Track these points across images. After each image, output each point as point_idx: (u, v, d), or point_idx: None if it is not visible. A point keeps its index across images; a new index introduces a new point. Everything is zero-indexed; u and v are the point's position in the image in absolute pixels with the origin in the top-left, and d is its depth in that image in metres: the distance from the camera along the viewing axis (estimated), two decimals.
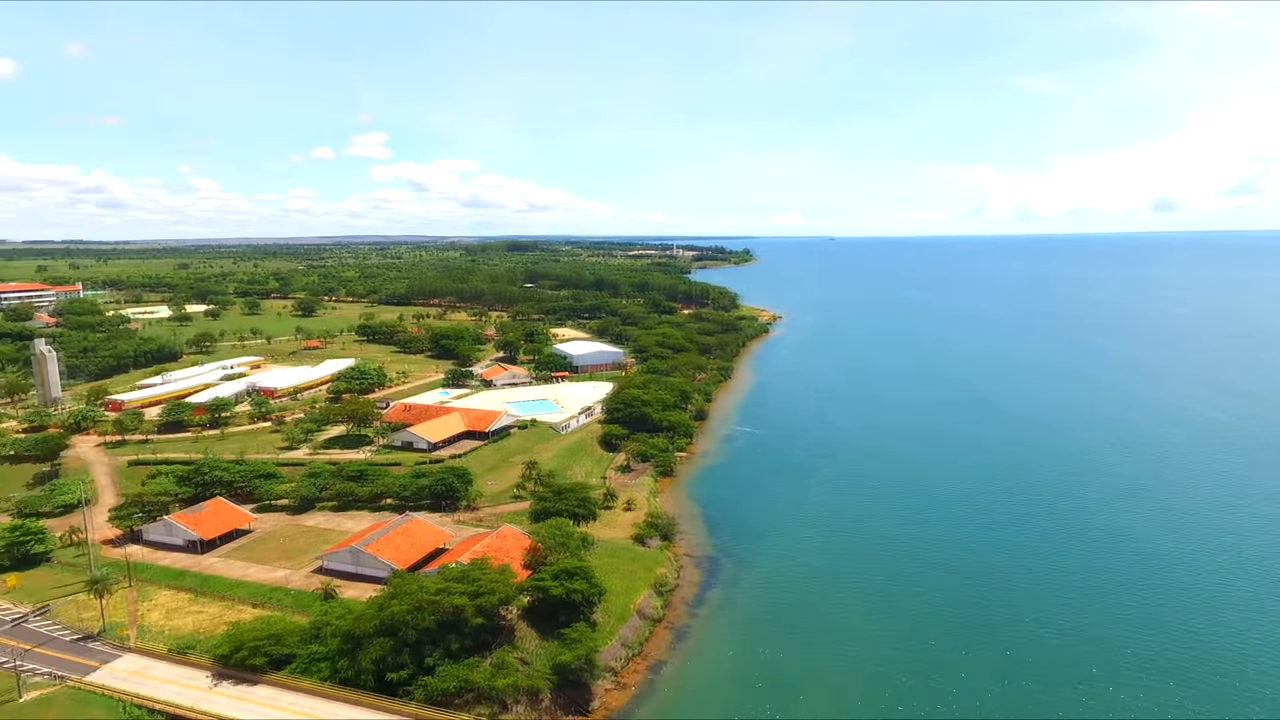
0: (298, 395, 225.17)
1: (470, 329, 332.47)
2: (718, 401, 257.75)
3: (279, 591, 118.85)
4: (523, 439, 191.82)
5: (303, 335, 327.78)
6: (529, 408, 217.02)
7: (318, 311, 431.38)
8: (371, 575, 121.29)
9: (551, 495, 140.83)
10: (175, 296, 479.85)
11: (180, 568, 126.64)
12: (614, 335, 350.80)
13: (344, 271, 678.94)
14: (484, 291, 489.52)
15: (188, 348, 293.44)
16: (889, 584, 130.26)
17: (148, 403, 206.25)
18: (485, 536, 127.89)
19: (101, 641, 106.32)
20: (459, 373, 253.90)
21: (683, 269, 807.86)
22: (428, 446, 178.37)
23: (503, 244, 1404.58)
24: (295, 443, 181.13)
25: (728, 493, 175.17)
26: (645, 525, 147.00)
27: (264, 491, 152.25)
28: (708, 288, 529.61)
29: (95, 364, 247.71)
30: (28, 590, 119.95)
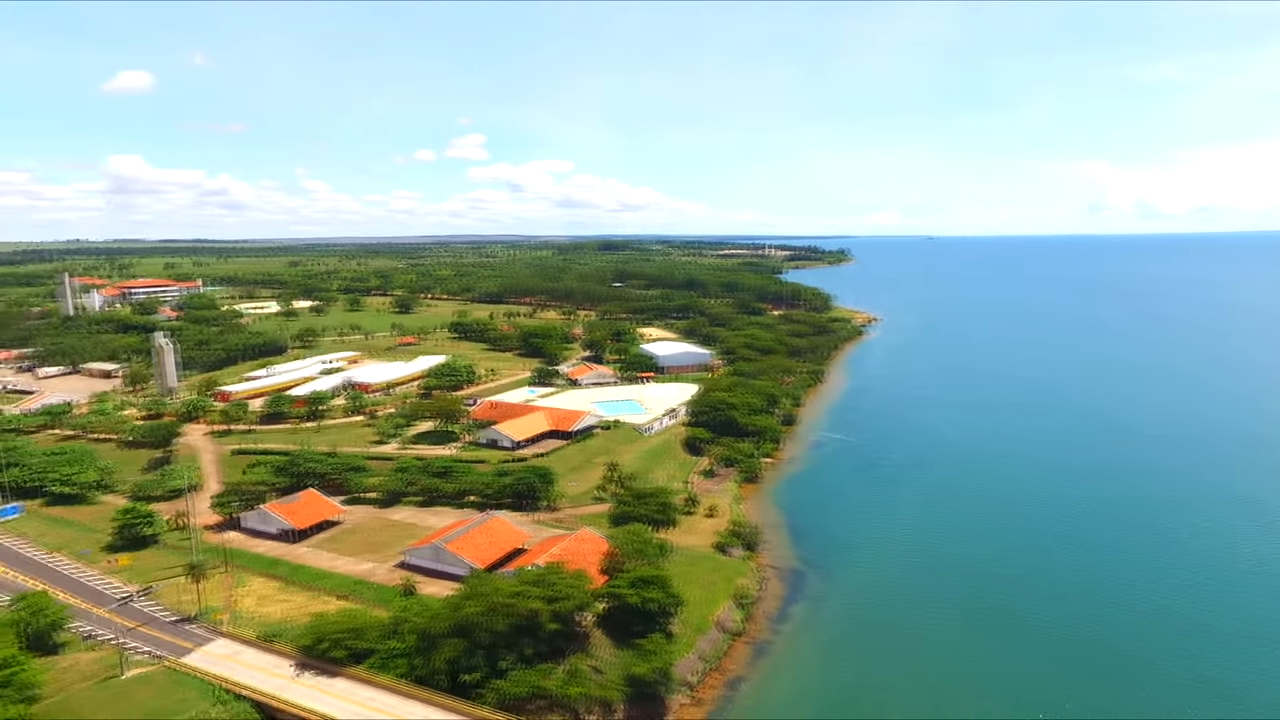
0: (391, 390, 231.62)
1: (558, 328, 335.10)
2: (807, 406, 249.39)
3: (362, 585, 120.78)
4: (606, 440, 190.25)
5: (399, 332, 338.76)
6: (613, 408, 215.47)
7: (414, 309, 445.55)
8: (451, 573, 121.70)
9: (632, 499, 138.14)
10: (284, 293, 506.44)
11: (273, 556, 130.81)
12: (701, 336, 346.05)
13: (441, 270, 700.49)
14: (574, 290, 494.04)
15: (292, 342, 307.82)
16: (988, 609, 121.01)
17: (253, 394, 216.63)
18: (564, 539, 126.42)
19: (198, 624, 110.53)
20: (546, 371, 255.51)
21: (774, 269, 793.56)
22: (512, 445, 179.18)
23: (594, 243, 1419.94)
24: (386, 437, 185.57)
25: (815, 502, 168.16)
26: (727, 533, 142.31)
27: (354, 484, 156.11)
28: (799, 288, 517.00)
29: (209, 356, 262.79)
30: (137, 570, 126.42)
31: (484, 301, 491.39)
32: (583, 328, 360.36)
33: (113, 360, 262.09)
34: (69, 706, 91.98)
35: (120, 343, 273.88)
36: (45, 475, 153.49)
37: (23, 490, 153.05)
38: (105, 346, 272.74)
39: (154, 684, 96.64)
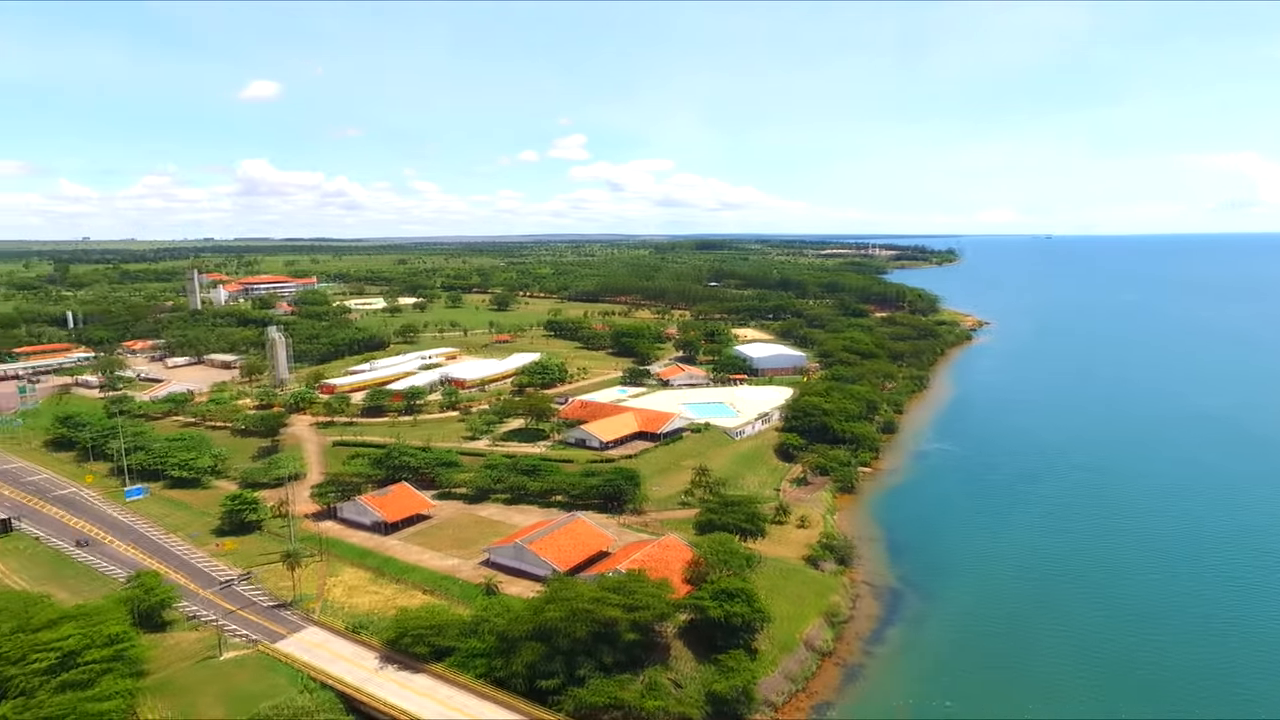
0: (485, 387, 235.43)
1: (651, 327, 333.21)
2: (909, 414, 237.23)
3: (448, 580, 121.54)
4: (695, 443, 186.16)
5: (495, 329, 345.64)
6: (704, 410, 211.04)
7: (512, 306, 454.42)
8: (533, 573, 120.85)
9: (719, 506, 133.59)
10: (390, 290, 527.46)
11: (365, 547, 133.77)
12: (798, 338, 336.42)
13: (539, 268, 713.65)
14: (668, 289, 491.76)
15: (394, 337, 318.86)
16: (1112, 648, 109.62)
17: (355, 388, 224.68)
18: (647, 544, 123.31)
19: (292, 611, 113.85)
20: (637, 371, 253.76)
21: (878, 269, 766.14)
22: (600, 445, 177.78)
23: (692, 242, 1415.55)
24: (477, 433, 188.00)
25: (916, 516, 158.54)
26: (819, 546, 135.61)
27: (445, 479, 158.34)
28: (904, 289, 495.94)
29: (317, 350, 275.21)
30: (241, 555, 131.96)
31: (579, 300, 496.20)
32: (676, 327, 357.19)
33: (233, 352, 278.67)
34: (171, 684, 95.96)
35: (240, 335, 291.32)
36: (166, 460, 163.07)
37: (147, 473, 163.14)
38: (226, 339, 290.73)
39: (249, 667, 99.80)
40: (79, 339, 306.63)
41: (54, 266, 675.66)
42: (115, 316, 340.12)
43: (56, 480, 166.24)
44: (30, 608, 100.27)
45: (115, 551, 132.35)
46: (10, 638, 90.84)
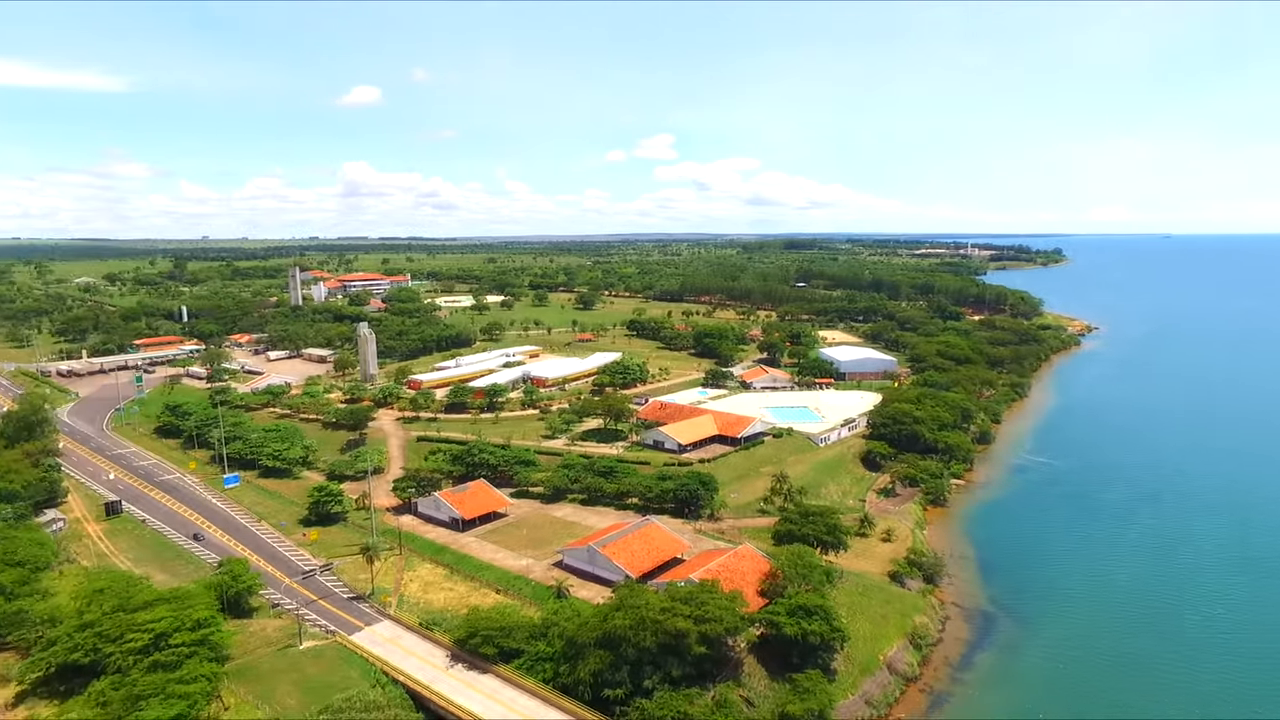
0: (565, 385, 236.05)
1: (734, 328, 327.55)
2: (1007, 423, 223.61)
3: (520, 581, 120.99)
4: (775, 448, 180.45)
5: (577, 328, 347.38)
6: (786, 414, 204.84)
7: (595, 305, 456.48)
8: (604, 577, 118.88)
9: (798, 516, 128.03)
10: (478, 288, 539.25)
11: (441, 543, 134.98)
12: (887, 341, 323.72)
13: (624, 267, 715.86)
14: (753, 290, 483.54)
15: (480, 335, 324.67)
16: (1236, 694, 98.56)
17: (439, 384, 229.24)
18: (722, 553, 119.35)
19: (368, 604, 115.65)
20: (718, 373, 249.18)
21: (975, 270, 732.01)
22: (677, 448, 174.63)
23: (780, 242, 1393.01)
24: (555, 432, 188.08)
25: (1013, 534, 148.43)
26: (905, 562, 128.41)
27: (521, 478, 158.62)
28: (1004, 291, 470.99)
29: (405, 346, 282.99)
30: (323, 545, 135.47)
31: (662, 299, 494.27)
32: (760, 328, 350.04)
33: (328, 347, 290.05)
34: (252, 670, 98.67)
35: (334, 331, 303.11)
36: (260, 450, 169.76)
37: (243, 462, 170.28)
38: (323, 334, 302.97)
39: (325, 658, 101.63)
40: (190, 332, 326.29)
41: (174, 264, 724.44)
42: (223, 311, 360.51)
43: (163, 465, 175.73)
44: (130, 588, 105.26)
45: (211, 537, 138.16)
46: (111, 616, 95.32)
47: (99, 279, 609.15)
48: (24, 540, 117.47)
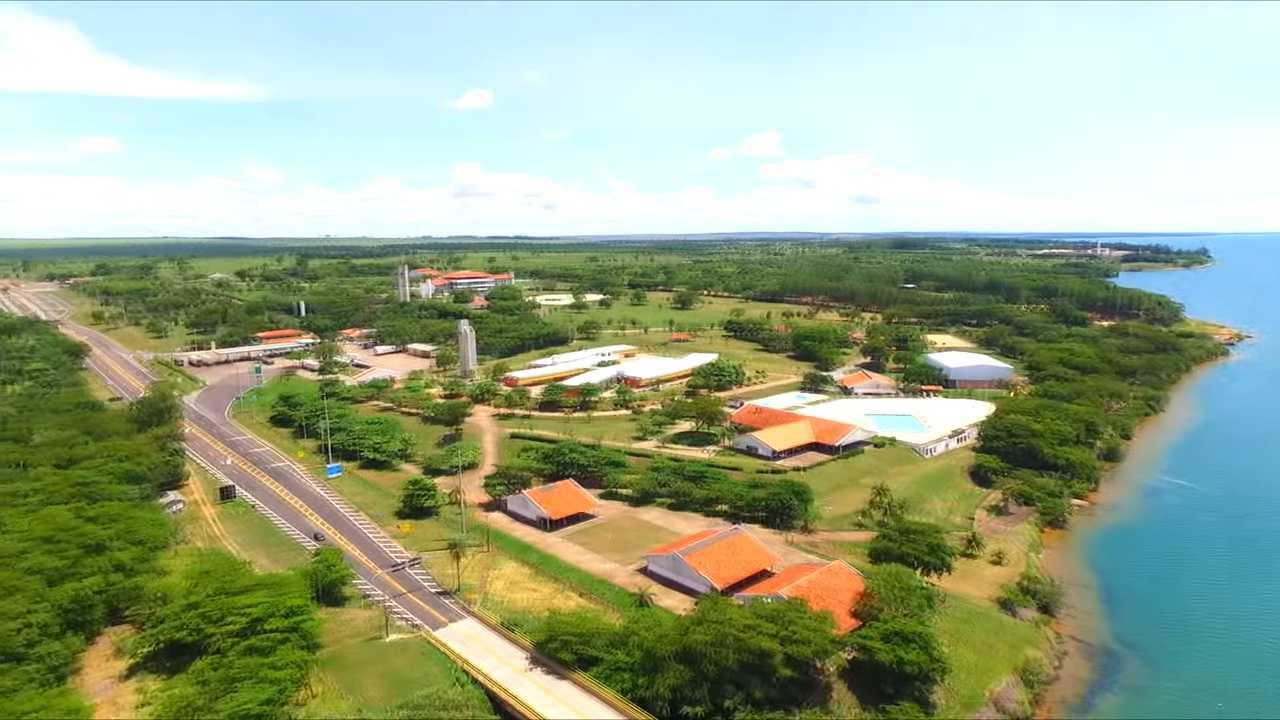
0: (658, 386, 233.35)
1: (836, 330, 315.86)
2: (1139, 440, 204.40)
3: (603, 585, 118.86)
4: (875, 458, 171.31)
5: (674, 327, 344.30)
6: (888, 423, 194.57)
7: (693, 305, 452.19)
8: (688, 586, 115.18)
9: (898, 534, 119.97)
10: (578, 286, 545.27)
11: (528, 542, 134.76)
12: (1003, 347, 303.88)
13: (723, 267, 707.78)
14: (858, 291, 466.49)
15: (576, 333, 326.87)
16: None
17: (534, 381, 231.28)
18: (814, 568, 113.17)
19: (453, 600, 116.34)
20: (817, 377, 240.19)
21: (1104, 271, 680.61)
22: (770, 454, 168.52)
23: (888, 241, 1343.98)
24: (646, 433, 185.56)
25: (1143, 564, 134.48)
26: (1017, 588, 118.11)
27: (610, 479, 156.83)
28: (1137, 295, 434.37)
29: (503, 343, 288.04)
30: (415, 538, 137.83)
31: (762, 300, 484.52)
32: (863, 331, 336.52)
33: (431, 342, 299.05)
34: (340, 659, 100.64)
35: (438, 327, 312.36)
36: (362, 442, 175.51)
37: (346, 453, 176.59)
38: (427, 330, 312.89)
39: (409, 652, 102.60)
40: (306, 326, 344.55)
41: (297, 261, 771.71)
42: (337, 307, 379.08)
43: (274, 453, 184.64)
44: (233, 572, 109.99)
45: (313, 525, 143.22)
46: (214, 599, 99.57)
47: (231, 275, 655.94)
48: (144, 520, 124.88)
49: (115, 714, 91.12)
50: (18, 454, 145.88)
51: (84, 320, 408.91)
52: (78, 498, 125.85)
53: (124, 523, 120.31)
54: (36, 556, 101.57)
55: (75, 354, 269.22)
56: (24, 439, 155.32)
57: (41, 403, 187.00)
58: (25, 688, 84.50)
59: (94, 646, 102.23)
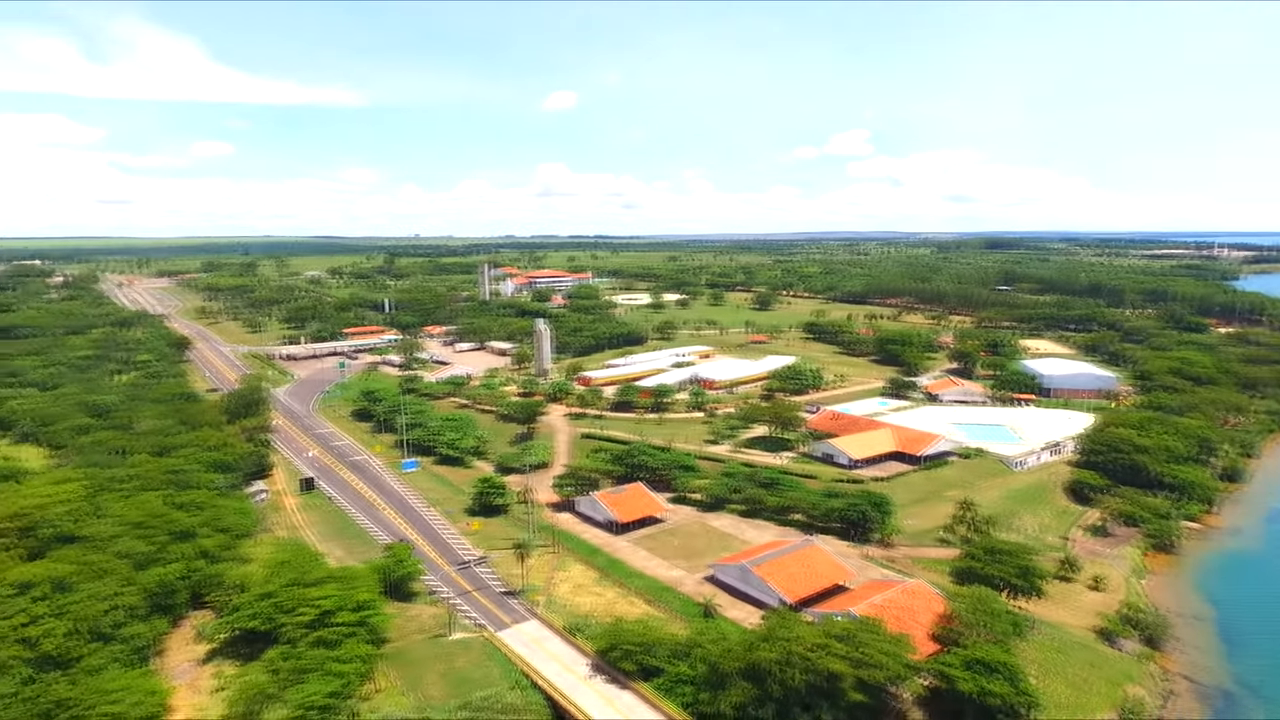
0: (733, 389, 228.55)
1: (922, 334, 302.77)
2: (1266, 459, 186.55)
3: (669, 593, 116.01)
4: (962, 470, 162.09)
5: (752, 329, 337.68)
6: (977, 433, 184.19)
7: (773, 306, 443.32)
8: (757, 598, 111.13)
9: (984, 553, 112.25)
10: (656, 286, 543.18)
11: (595, 544, 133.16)
12: (1106, 354, 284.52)
13: (806, 267, 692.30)
14: (947, 293, 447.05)
15: (653, 334, 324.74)
16: None
17: (608, 381, 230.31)
18: (891, 586, 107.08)
19: (519, 601, 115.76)
20: (901, 382, 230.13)
21: (1225, 274, 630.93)
22: (848, 463, 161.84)
23: (981, 241, 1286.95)
24: (719, 437, 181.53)
25: (1268, 596, 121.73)
26: (1118, 617, 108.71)
27: (680, 483, 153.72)
28: (1262, 300, 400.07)
29: (580, 342, 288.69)
30: (484, 536, 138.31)
31: (845, 301, 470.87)
32: (952, 335, 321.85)
33: (510, 340, 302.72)
34: (404, 655, 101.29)
35: (517, 325, 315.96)
36: (437, 438, 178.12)
37: (422, 448, 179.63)
38: (506, 327, 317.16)
39: (471, 652, 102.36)
40: (391, 323, 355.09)
41: (385, 259, 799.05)
42: (420, 304, 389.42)
43: (354, 447, 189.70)
44: (308, 563, 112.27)
45: (386, 519, 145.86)
46: (288, 589, 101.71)
47: (324, 272, 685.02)
48: (229, 509, 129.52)
49: (193, 696, 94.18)
50: (121, 441, 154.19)
51: (190, 315, 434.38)
52: (170, 485, 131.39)
53: (210, 510, 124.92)
54: (128, 541, 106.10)
55: (179, 347, 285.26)
56: (127, 427, 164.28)
57: (145, 393, 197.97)
58: (110, 667, 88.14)
59: (178, 629, 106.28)
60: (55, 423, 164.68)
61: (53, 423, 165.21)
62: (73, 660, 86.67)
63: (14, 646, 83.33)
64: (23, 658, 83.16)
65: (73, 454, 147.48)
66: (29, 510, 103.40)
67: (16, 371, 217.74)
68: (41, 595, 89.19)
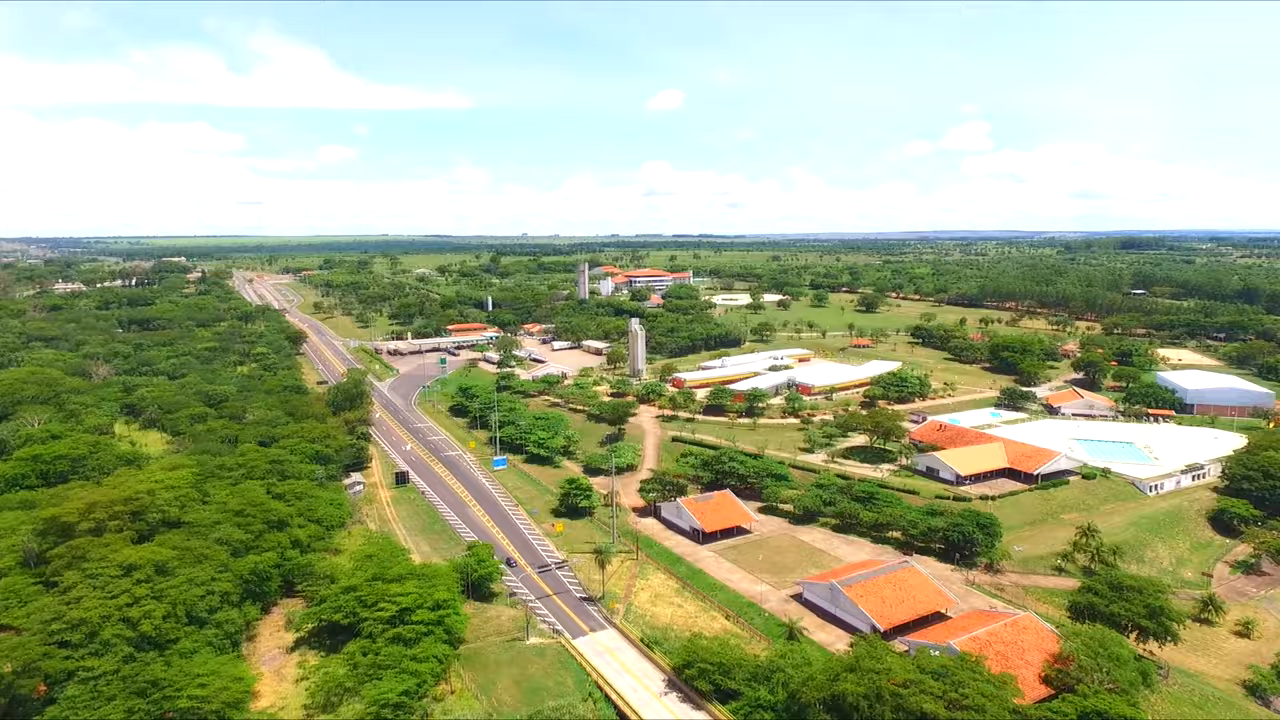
0: (831, 395, 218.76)
1: (1042, 340, 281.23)
2: None
3: (752, 609, 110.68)
4: (1084, 492, 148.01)
5: (855, 332, 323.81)
6: (1102, 450, 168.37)
7: (879, 308, 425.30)
8: (846, 621, 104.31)
9: (1106, 587, 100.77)
10: (757, 286, 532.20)
11: (678, 553, 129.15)
12: (1260, 367, 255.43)
13: (916, 268, 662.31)
14: (1072, 296, 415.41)
15: (750, 335, 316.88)
16: None
17: (701, 384, 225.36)
18: (996, 618, 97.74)
19: (597, 608, 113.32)
20: (1016, 392, 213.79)
21: None
22: (954, 478, 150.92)
23: (1112, 240, 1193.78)
24: (814, 445, 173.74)
25: None
26: (1271, 670, 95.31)
27: (770, 492, 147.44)
28: None
29: (674, 343, 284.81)
30: (567, 538, 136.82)
31: (957, 304, 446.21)
32: (1076, 342, 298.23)
33: (605, 339, 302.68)
34: (479, 657, 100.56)
35: (612, 324, 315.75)
36: (528, 436, 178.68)
37: (512, 446, 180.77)
38: (602, 326, 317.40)
39: (546, 658, 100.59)
40: (491, 320, 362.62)
41: (490, 258, 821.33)
42: (520, 302, 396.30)
43: (449, 442, 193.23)
44: (392, 558, 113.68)
45: (473, 516, 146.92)
46: (371, 585, 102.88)
47: (433, 270, 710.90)
48: (324, 500, 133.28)
49: (278, 684, 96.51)
50: (232, 429, 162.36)
51: (306, 309, 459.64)
52: (271, 474, 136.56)
53: (306, 501, 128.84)
54: (227, 528, 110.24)
55: (294, 340, 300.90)
56: (238, 416, 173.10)
57: (258, 384, 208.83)
58: (203, 650, 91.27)
59: (269, 616, 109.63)
60: (176, 411, 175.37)
61: (174, 410, 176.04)
62: (169, 642, 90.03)
63: (117, 625, 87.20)
64: (125, 636, 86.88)
65: (188, 441, 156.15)
66: (140, 495, 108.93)
67: (149, 361, 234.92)
68: (144, 578, 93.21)
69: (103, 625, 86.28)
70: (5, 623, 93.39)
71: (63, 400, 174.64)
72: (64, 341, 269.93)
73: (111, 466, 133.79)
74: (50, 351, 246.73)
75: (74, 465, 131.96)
